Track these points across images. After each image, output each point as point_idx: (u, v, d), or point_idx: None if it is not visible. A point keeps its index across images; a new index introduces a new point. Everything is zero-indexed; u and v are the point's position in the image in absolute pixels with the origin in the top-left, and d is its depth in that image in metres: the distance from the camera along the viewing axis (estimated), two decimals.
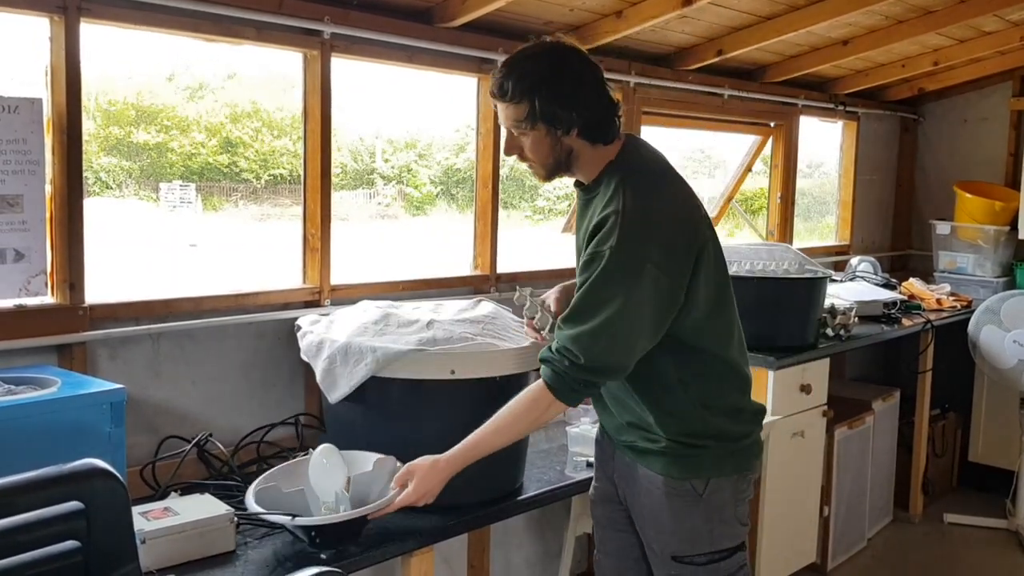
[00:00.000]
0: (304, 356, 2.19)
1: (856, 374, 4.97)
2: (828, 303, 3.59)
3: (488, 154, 3.05)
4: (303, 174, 2.60)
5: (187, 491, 1.95)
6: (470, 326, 2.14)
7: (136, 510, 1.71)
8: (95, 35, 2.14)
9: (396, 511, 1.86)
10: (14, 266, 1.98)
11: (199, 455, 2.17)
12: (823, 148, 5.32)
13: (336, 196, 2.68)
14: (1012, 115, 4.95)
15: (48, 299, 2.08)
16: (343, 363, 2.04)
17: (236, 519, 1.82)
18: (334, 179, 2.64)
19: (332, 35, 2.52)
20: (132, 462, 2.05)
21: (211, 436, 2.19)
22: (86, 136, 2.13)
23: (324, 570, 1.37)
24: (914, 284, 4.59)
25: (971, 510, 4.44)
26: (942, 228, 4.88)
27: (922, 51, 4.26)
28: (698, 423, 1.90)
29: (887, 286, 4.37)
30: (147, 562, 1.64)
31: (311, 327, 2.23)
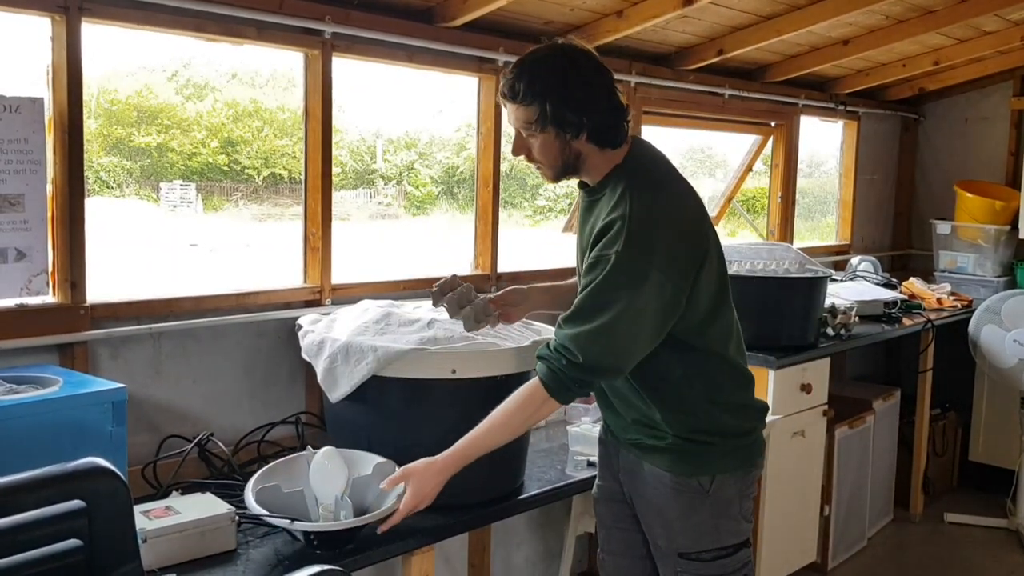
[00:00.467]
0: (305, 355, 2.19)
1: (856, 374, 4.97)
2: (828, 303, 3.60)
3: (489, 153, 3.05)
4: (304, 174, 2.60)
5: (188, 490, 1.96)
6: None
7: (137, 509, 1.71)
8: (96, 35, 2.14)
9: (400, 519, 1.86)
10: (15, 265, 1.99)
11: (200, 454, 2.17)
12: (823, 148, 5.32)
13: (337, 196, 2.68)
14: (1013, 114, 4.95)
15: (49, 298, 2.08)
16: (344, 362, 2.04)
17: (237, 518, 1.82)
18: (335, 179, 2.64)
19: (333, 35, 2.52)
20: (133, 461, 2.06)
21: (212, 435, 2.20)
22: (87, 136, 2.13)
23: (326, 568, 1.37)
24: (914, 284, 4.59)
25: (971, 509, 4.45)
26: (942, 228, 4.88)
27: (923, 51, 4.26)
28: (704, 419, 1.91)
29: (887, 286, 4.37)
30: (148, 561, 1.64)
31: (312, 326, 2.23)
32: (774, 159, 4.54)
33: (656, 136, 4.02)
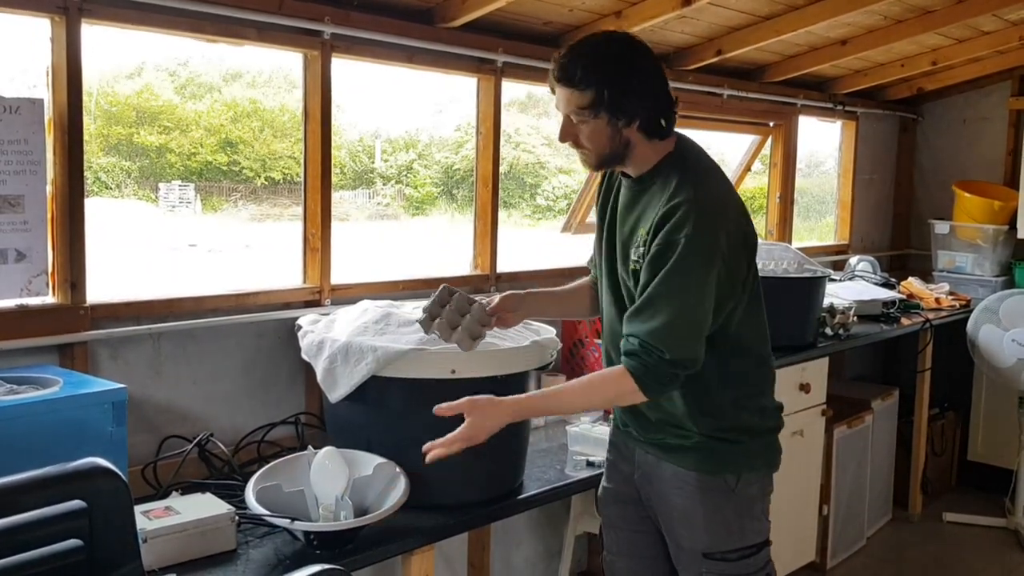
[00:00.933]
0: (305, 356, 2.19)
1: (855, 373, 4.98)
2: (827, 302, 3.60)
3: (488, 154, 3.05)
4: (303, 174, 2.60)
5: (188, 490, 1.96)
6: None
7: (137, 509, 1.71)
8: (96, 36, 2.14)
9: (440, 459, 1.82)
10: (15, 266, 1.99)
11: (200, 455, 2.17)
12: (822, 148, 5.33)
13: (336, 196, 2.68)
14: (1011, 114, 4.95)
15: (49, 299, 2.08)
16: (344, 363, 2.04)
17: (237, 518, 1.82)
18: (334, 179, 2.64)
19: (332, 35, 2.53)
20: (133, 462, 2.06)
21: (212, 436, 2.20)
22: (86, 136, 2.13)
23: (326, 568, 1.37)
24: (913, 283, 4.60)
25: (970, 509, 4.45)
26: (941, 227, 4.88)
27: (921, 51, 4.26)
28: (732, 418, 1.90)
29: (886, 285, 4.38)
30: (149, 561, 1.65)
31: (311, 327, 2.23)
32: (772, 159, 4.55)
33: None
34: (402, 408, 2.06)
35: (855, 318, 3.66)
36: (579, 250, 3.87)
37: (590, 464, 2.38)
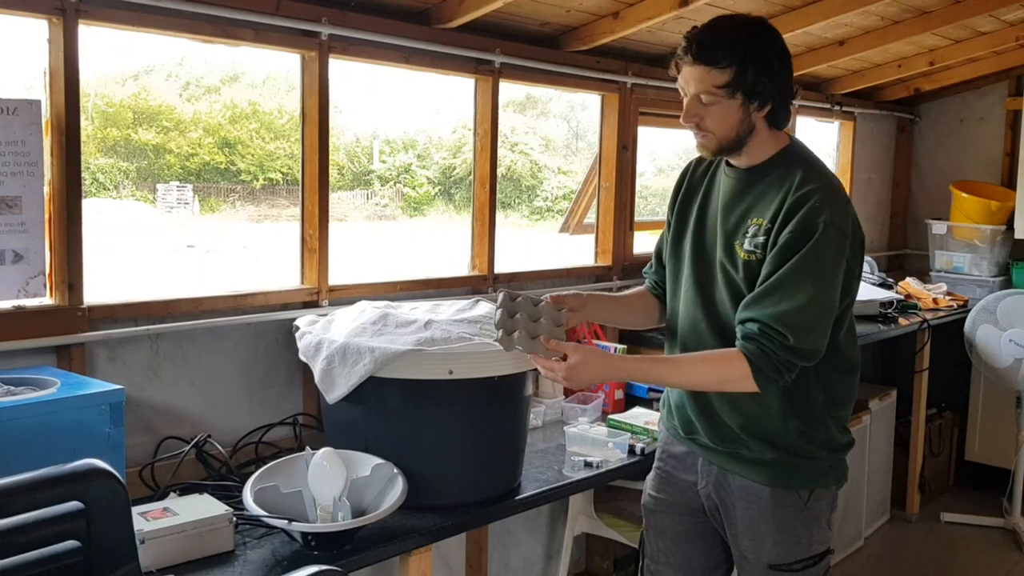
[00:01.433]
0: (302, 356, 2.19)
1: None
2: None
3: (486, 154, 3.05)
4: (301, 175, 2.60)
5: (186, 491, 1.96)
6: (468, 326, 2.15)
7: (135, 510, 1.71)
8: (93, 37, 2.14)
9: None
10: (13, 267, 1.99)
11: (198, 456, 2.17)
12: (820, 148, 5.33)
13: (335, 197, 2.68)
14: (1008, 115, 4.96)
15: (47, 300, 2.08)
16: (341, 363, 2.04)
17: (235, 519, 1.82)
18: (333, 180, 2.64)
19: (330, 36, 2.53)
20: (131, 463, 2.06)
21: (210, 437, 2.20)
22: (84, 137, 2.13)
23: (323, 569, 1.38)
24: (910, 283, 4.60)
25: (967, 509, 4.46)
26: (938, 228, 4.89)
27: (918, 51, 4.27)
28: (815, 431, 1.89)
29: (884, 285, 4.38)
30: (146, 562, 1.65)
31: (309, 327, 2.23)
32: None
33: (652, 137, 4.03)
34: (400, 409, 2.06)
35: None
36: (577, 250, 3.88)
37: (588, 464, 2.38)
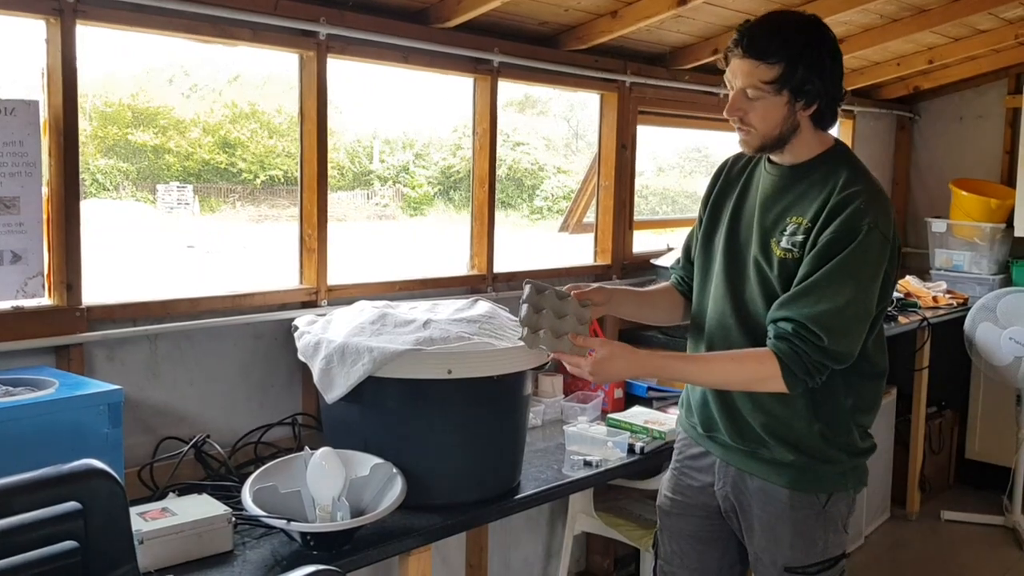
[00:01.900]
0: (301, 356, 2.19)
1: None
2: None
3: (485, 154, 3.05)
4: (299, 175, 2.60)
5: (185, 492, 1.96)
6: (467, 325, 2.15)
7: (134, 511, 1.71)
8: (92, 37, 2.14)
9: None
10: (11, 268, 1.99)
11: (197, 456, 2.17)
12: None
13: (334, 197, 2.69)
14: (1007, 113, 4.96)
15: (45, 300, 2.08)
16: (340, 363, 2.04)
17: (233, 519, 1.82)
18: (332, 180, 2.65)
19: (328, 36, 2.53)
20: (130, 463, 2.06)
21: (208, 437, 2.20)
22: (83, 138, 2.13)
23: (321, 568, 1.38)
24: (910, 282, 4.60)
25: (968, 507, 4.46)
26: (938, 226, 4.89)
27: (917, 49, 4.26)
28: (837, 434, 1.87)
29: None
30: (145, 562, 1.65)
31: (308, 327, 2.23)
32: None
33: (652, 136, 4.03)
34: (399, 408, 2.06)
35: None
36: (576, 249, 3.88)
37: (587, 464, 2.38)
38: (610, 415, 2.72)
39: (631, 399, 2.96)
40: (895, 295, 4.21)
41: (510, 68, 3.05)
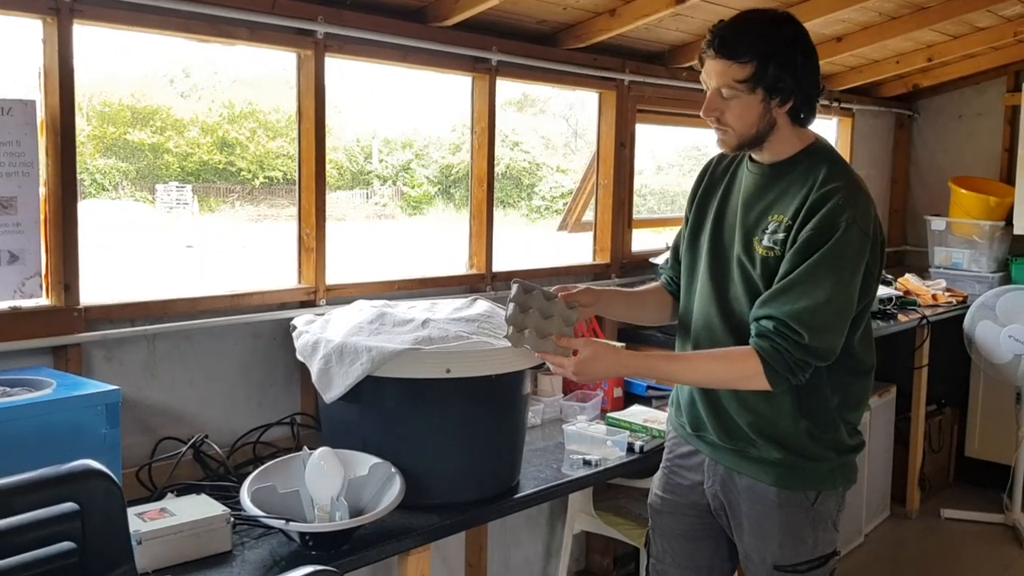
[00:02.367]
0: (300, 356, 2.19)
1: None
2: None
3: (483, 153, 3.05)
4: (298, 174, 2.60)
5: (183, 492, 1.96)
6: (465, 325, 2.14)
7: (132, 511, 1.71)
8: (89, 37, 2.14)
9: None
10: (9, 268, 1.98)
11: (195, 456, 2.17)
12: None
13: (334, 196, 2.69)
14: (1007, 110, 4.95)
15: (43, 301, 2.08)
16: (339, 363, 2.04)
17: (232, 519, 1.82)
18: (332, 180, 2.64)
19: (326, 35, 2.52)
20: (128, 463, 2.05)
21: (207, 437, 2.19)
22: (82, 138, 2.12)
23: (319, 569, 1.37)
24: (909, 280, 4.60)
25: (968, 505, 4.45)
26: (937, 224, 4.89)
27: (916, 47, 4.26)
28: (824, 432, 1.87)
29: (882, 282, 4.38)
30: (143, 563, 1.64)
31: (307, 327, 2.23)
32: None
33: (650, 134, 4.02)
34: (397, 408, 2.06)
35: None
36: (575, 248, 3.87)
37: (587, 463, 2.38)
38: (609, 414, 2.72)
39: (630, 398, 2.96)
40: (894, 293, 4.21)
41: (508, 67, 3.05)
